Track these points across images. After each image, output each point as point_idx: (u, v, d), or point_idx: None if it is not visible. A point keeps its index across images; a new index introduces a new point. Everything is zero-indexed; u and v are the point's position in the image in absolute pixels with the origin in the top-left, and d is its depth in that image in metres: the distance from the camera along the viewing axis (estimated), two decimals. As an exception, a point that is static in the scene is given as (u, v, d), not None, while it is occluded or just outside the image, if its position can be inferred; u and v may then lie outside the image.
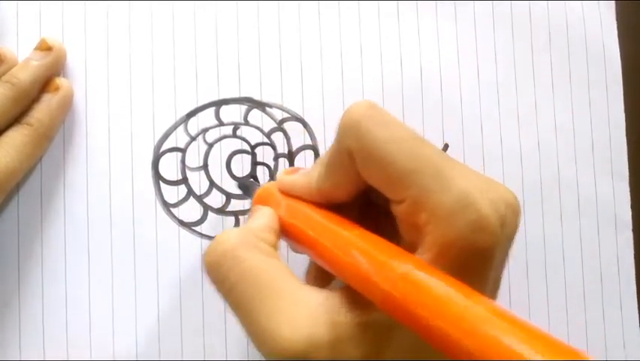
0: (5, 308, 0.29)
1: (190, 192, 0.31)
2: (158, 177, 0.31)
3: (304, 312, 0.19)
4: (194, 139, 0.31)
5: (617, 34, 0.35)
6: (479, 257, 0.18)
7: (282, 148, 0.32)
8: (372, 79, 0.32)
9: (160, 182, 0.31)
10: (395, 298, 0.17)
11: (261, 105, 0.32)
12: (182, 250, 0.30)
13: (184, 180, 0.31)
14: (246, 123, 0.31)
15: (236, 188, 0.31)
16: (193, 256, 0.31)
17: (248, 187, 0.30)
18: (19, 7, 0.30)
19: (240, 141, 0.31)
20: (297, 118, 0.32)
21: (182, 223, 0.31)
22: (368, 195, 0.22)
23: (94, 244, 0.30)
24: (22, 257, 0.30)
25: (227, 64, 0.32)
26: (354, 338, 0.19)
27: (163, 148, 0.31)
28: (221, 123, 0.31)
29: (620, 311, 0.33)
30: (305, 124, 0.32)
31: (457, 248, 0.18)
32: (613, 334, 0.33)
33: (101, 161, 0.31)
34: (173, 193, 0.31)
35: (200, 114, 0.31)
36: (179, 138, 0.31)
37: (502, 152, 0.33)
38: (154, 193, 0.31)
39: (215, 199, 0.31)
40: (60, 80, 0.30)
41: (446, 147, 0.32)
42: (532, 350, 0.14)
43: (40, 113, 0.29)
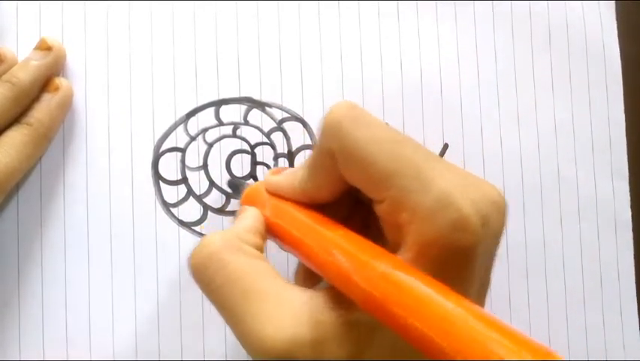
0: (5, 308, 0.29)
1: (190, 192, 0.31)
2: (157, 176, 0.31)
3: (288, 312, 0.19)
4: (193, 139, 0.31)
5: (617, 34, 0.35)
6: (461, 256, 0.18)
7: (282, 148, 0.32)
8: (372, 79, 0.32)
9: (160, 182, 0.31)
10: (375, 298, 0.17)
11: (261, 105, 0.32)
12: (182, 250, 0.30)
13: (184, 180, 0.31)
14: (246, 123, 0.31)
15: (227, 187, 0.31)
16: (193, 256, 0.31)
17: (237, 187, 0.30)
18: (19, 7, 0.30)
19: (240, 140, 0.31)
20: (297, 118, 0.32)
21: (181, 223, 0.31)
22: (356, 195, 0.22)
23: (94, 244, 0.30)
24: (21, 257, 0.30)
25: (227, 64, 0.32)
26: (337, 337, 0.19)
27: (163, 148, 0.31)
28: (221, 123, 0.31)
29: (620, 315, 0.33)
30: (305, 124, 0.32)
31: (437, 248, 0.18)
32: (613, 337, 0.33)
33: (101, 161, 0.30)
34: (172, 193, 0.31)
35: (200, 114, 0.31)
36: (178, 138, 0.31)
37: (501, 152, 0.33)
38: (154, 193, 0.31)
39: (215, 199, 0.31)
40: (60, 80, 0.30)
41: (446, 147, 0.32)
42: (507, 349, 0.14)
43: (40, 113, 0.29)
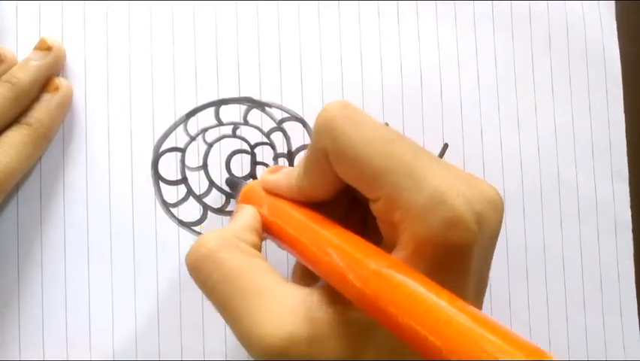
0: (5, 308, 0.29)
1: (190, 192, 0.31)
2: (157, 176, 0.31)
3: (284, 309, 0.19)
4: (193, 139, 0.31)
5: (617, 34, 0.35)
6: (455, 254, 0.18)
7: (282, 148, 0.32)
8: (372, 79, 0.32)
9: (160, 182, 0.31)
10: (367, 296, 0.17)
11: (261, 105, 0.32)
12: (182, 250, 0.30)
13: (184, 180, 0.31)
14: (246, 123, 0.31)
15: (225, 185, 0.31)
16: (192, 256, 0.31)
17: (236, 185, 0.30)
18: (18, 7, 0.30)
19: (240, 140, 0.31)
20: (297, 118, 0.32)
21: (181, 223, 0.31)
22: (353, 195, 0.22)
23: (93, 243, 0.30)
24: (21, 257, 0.30)
25: (227, 64, 0.32)
26: (333, 334, 0.19)
27: (163, 148, 0.31)
28: (221, 123, 0.31)
29: (620, 316, 0.33)
30: (304, 124, 0.32)
31: (432, 246, 0.18)
32: (613, 338, 0.33)
33: (101, 161, 0.30)
34: (172, 193, 0.31)
35: (200, 114, 0.31)
36: (178, 138, 0.31)
37: (501, 154, 0.33)
38: (154, 193, 0.31)
39: (215, 199, 0.31)
40: (60, 80, 0.30)
41: (445, 147, 0.32)
42: (499, 348, 0.14)
43: (40, 113, 0.29)
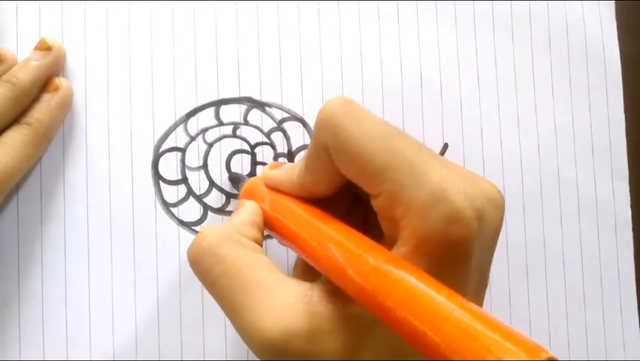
0: (5, 308, 0.29)
1: (190, 191, 0.31)
2: (157, 176, 0.31)
3: (284, 303, 0.19)
4: (193, 139, 0.31)
5: (617, 34, 0.35)
6: (456, 250, 0.18)
7: (282, 148, 0.32)
8: (372, 79, 0.32)
9: (160, 182, 0.31)
10: (367, 291, 0.17)
11: (261, 105, 0.32)
12: (182, 249, 0.30)
13: (184, 180, 0.31)
14: (246, 123, 0.31)
15: (228, 181, 0.31)
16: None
17: (238, 181, 0.30)
18: (19, 7, 0.30)
19: (240, 140, 0.31)
20: (297, 118, 0.32)
21: (181, 223, 0.31)
22: (355, 191, 0.22)
23: (93, 243, 0.30)
24: (21, 257, 0.30)
25: (227, 64, 0.32)
26: (333, 329, 0.19)
27: (163, 148, 0.31)
28: (221, 123, 0.31)
29: (620, 313, 0.33)
30: (305, 124, 0.32)
31: (432, 242, 0.18)
32: (613, 334, 0.33)
33: (101, 161, 0.30)
34: (172, 193, 0.31)
35: (200, 114, 0.31)
36: (178, 138, 0.31)
37: (502, 153, 0.33)
38: (154, 193, 0.31)
39: (215, 199, 0.31)
40: (60, 80, 0.30)
41: (445, 146, 0.32)
42: (498, 345, 0.14)
43: (40, 113, 0.29)
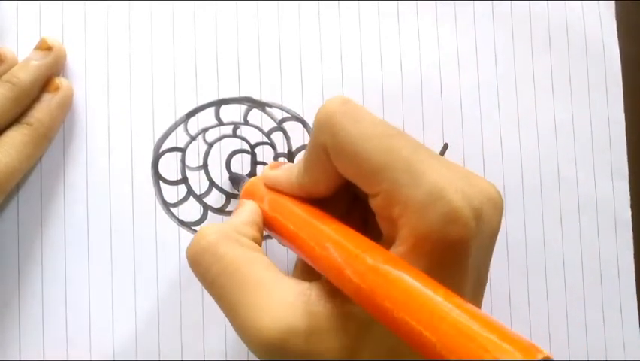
0: (5, 308, 0.29)
1: (190, 191, 0.31)
2: (157, 176, 0.31)
3: (283, 302, 0.19)
4: (194, 139, 0.31)
5: (617, 34, 0.35)
6: (453, 250, 0.18)
7: (282, 148, 0.32)
8: (372, 79, 0.32)
9: (160, 182, 0.31)
10: (364, 291, 0.17)
11: (261, 105, 0.32)
12: (182, 249, 0.30)
13: (184, 180, 0.31)
14: (246, 123, 0.31)
15: (228, 181, 0.31)
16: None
17: (238, 181, 0.30)
18: (19, 7, 0.30)
19: (240, 140, 0.32)
20: (297, 118, 0.32)
21: (181, 223, 0.31)
22: (354, 191, 0.22)
23: (94, 243, 0.30)
24: (21, 257, 0.30)
25: (227, 64, 0.32)
26: (332, 328, 0.19)
27: (163, 148, 0.31)
28: (221, 123, 0.31)
29: (620, 312, 0.33)
30: (305, 124, 0.32)
31: (430, 241, 0.18)
32: (613, 334, 0.33)
33: (101, 161, 0.30)
34: (172, 193, 0.31)
35: (200, 114, 0.31)
36: (178, 138, 0.31)
37: (501, 152, 0.33)
38: (154, 193, 0.31)
39: (215, 199, 0.31)
40: (60, 80, 0.30)
41: (445, 147, 0.32)
42: (495, 345, 0.14)
43: (40, 113, 0.29)
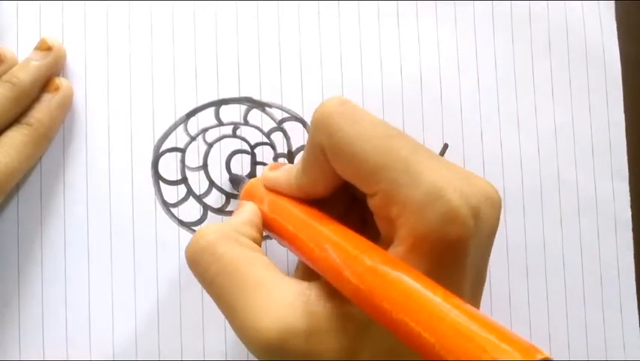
0: (5, 308, 0.29)
1: (190, 192, 0.31)
2: (157, 177, 0.31)
3: (282, 302, 0.19)
4: (193, 139, 0.31)
5: (617, 34, 0.35)
6: (452, 249, 0.18)
7: (282, 148, 0.32)
8: (372, 79, 0.32)
9: (160, 182, 0.31)
10: (363, 292, 0.17)
11: (261, 105, 0.32)
12: (182, 250, 0.30)
13: (184, 180, 0.31)
14: (246, 123, 0.31)
15: (228, 182, 0.31)
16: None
17: (238, 183, 0.30)
18: (19, 7, 0.30)
19: (240, 140, 0.32)
20: (297, 118, 0.32)
21: (181, 223, 0.31)
22: (353, 192, 0.22)
23: (93, 243, 0.30)
24: (21, 257, 0.30)
25: (227, 64, 0.32)
26: (331, 328, 0.19)
27: (163, 148, 0.31)
28: (221, 123, 0.31)
29: (620, 313, 0.33)
30: (305, 124, 0.32)
31: (429, 241, 0.18)
32: (613, 334, 0.33)
33: (101, 161, 0.31)
34: (172, 193, 0.31)
35: (200, 114, 0.31)
36: (178, 138, 0.31)
37: (501, 155, 0.33)
38: (154, 193, 0.31)
39: (215, 199, 0.31)
40: (60, 80, 0.30)
41: (445, 147, 0.32)
42: (494, 346, 0.14)
43: (40, 113, 0.29)
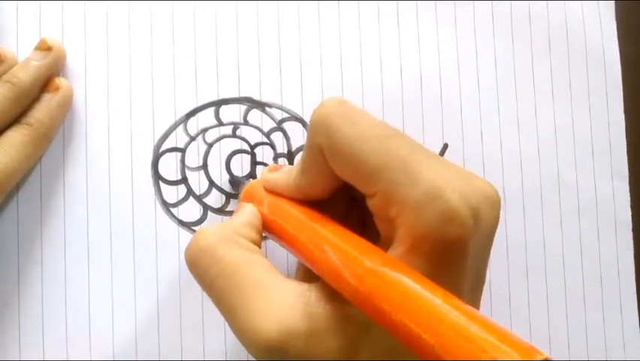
0: (5, 308, 0.29)
1: (190, 192, 0.31)
2: (157, 177, 0.31)
3: (282, 304, 0.19)
4: (193, 139, 0.31)
5: (617, 34, 0.35)
6: (452, 249, 0.18)
7: (282, 148, 0.32)
8: (372, 79, 0.32)
9: (160, 182, 0.31)
10: (362, 293, 0.17)
11: (261, 105, 0.32)
12: (182, 250, 0.30)
13: (184, 180, 0.31)
14: (246, 123, 0.31)
15: (228, 184, 0.31)
16: (192, 256, 0.30)
17: (238, 184, 0.30)
18: (19, 7, 0.30)
19: (240, 140, 0.32)
20: (297, 118, 0.32)
21: (181, 223, 0.31)
22: (352, 193, 0.22)
23: (93, 244, 0.30)
24: (21, 257, 0.30)
25: (227, 64, 0.32)
26: (331, 330, 0.19)
27: (163, 148, 0.31)
28: (221, 123, 0.31)
29: (620, 313, 0.33)
30: (304, 124, 0.32)
31: (428, 241, 0.18)
32: (613, 335, 0.33)
33: (101, 161, 0.31)
34: (172, 193, 0.31)
35: (200, 114, 0.31)
36: (178, 138, 0.31)
37: (501, 155, 0.33)
38: (154, 193, 0.31)
39: (215, 199, 0.31)
40: (60, 80, 0.30)
41: (445, 147, 0.32)
42: (494, 347, 0.14)
43: (40, 113, 0.29)
